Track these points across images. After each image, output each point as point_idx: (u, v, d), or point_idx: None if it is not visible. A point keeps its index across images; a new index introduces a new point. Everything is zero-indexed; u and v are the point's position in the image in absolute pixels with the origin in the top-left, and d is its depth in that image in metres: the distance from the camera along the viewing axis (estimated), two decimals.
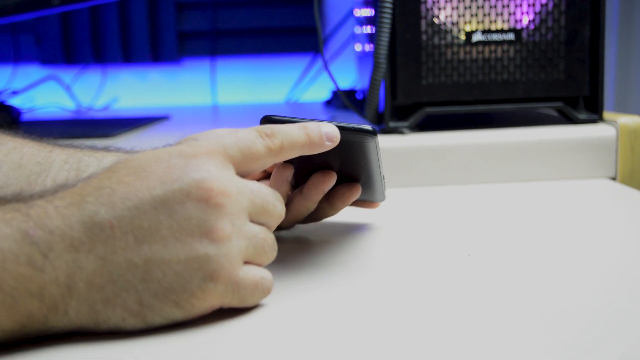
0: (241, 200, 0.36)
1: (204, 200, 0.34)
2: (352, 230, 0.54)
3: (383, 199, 0.52)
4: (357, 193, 0.49)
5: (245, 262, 0.36)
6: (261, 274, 0.36)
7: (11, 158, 0.49)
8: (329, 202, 0.49)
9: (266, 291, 0.37)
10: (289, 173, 0.45)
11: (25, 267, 0.32)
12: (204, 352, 0.32)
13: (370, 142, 0.43)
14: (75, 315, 0.33)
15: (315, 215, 0.50)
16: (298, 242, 0.51)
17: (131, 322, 0.34)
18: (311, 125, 0.41)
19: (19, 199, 0.34)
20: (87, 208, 0.33)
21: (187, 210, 0.34)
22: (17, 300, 0.31)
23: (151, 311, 0.34)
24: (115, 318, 0.33)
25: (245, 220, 0.36)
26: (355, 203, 0.52)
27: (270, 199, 0.38)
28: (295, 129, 0.40)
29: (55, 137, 0.54)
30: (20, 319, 0.32)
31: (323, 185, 0.46)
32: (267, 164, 0.39)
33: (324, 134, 0.41)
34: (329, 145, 0.41)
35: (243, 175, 0.38)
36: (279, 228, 0.50)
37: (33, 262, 0.32)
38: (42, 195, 0.34)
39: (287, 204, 0.47)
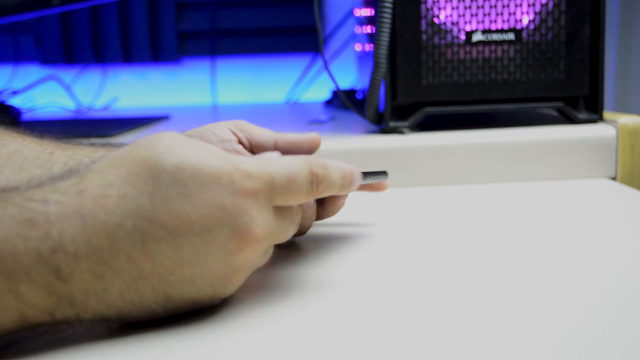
0: (268, 242, 0.36)
1: (239, 248, 0.34)
2: (351, 229, 0.54)
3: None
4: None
5: None
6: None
7: (13, 161, 0.48)
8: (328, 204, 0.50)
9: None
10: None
11: (39, 290, 0.30)
12: (204, 351, 0.32)
13: None
14: (88, 321, 0.33)
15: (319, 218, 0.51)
16: (298, 242, 0.51)
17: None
18: (348, 175, 0.41)
19: (36, 185, 0.32)
20: (120, 235, 0.31)
21: (220, 254, 0.34)
22: (26, 316, 0.31)
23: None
24: (125, 321, 0.34)
25: (261, 255, 0.37)
26: (364, 187, 0.52)
27: (290, 233, 0.39)
28: (338, 178, 0.40)
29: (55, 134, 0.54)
30: (26, 326, 0.31)
31: (343, 197, 0.49)
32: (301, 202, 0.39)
33: (353, 184, 0.42)
34: (351, 190, 0.43)
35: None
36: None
37: (49, 285, 0.30)
38: (65, 194, 0.32)
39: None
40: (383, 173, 0.51)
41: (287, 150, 0.49)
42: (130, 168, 0.33)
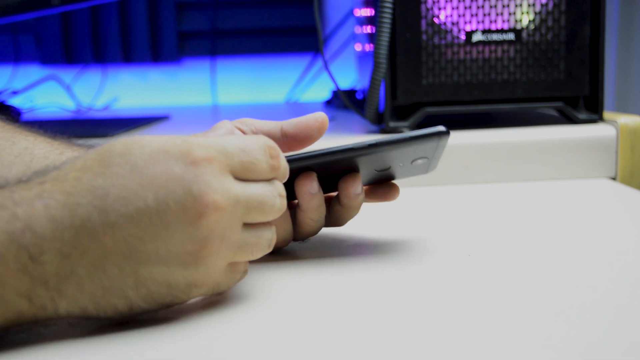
0: (236, 210, 0.35)
1: (197, 214, 0.33)
2: (351, 229, 0.54)
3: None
4: (396, 191, 0.49)
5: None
6: (241, 274, 0.38)
7: (22, 159, 0.48)
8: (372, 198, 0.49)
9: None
10: (313, 185, 0.44)
11: (14, 270, 0.31)
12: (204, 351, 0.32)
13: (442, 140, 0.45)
14: (65, 313, 0.33)
15: (340, 220, 0.49)
16: (299, 242, 0.51)
17: (120, 318, 0.35)
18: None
19: (3, 186, 0.33)
20: (79, 212, 0.32)
21: (180, 224, 0.33)
22: (5, 300, 0.31)
23: (140, 312, 0.35)
24: (106, 316, 0.34)
25: (237, 230, 0.36)
26: (373, 197, 0.50)
27: (268, 199, 0.37)
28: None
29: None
30: (10, 315, 0.32)
31: (356, 189, 0.46)
32: (265, 178, 0.38)
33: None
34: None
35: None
36: (297, 239, 0.49)
37: (22, 265, 0.31)
38: (29, 184, 0.33)
39: (327, 212, 0.47)
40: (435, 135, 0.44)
41: (294, 134, 0.47)
42: (86, 160, 0.34)
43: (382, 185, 0.49)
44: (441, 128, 0.43)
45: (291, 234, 0.47)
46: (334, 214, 0.47)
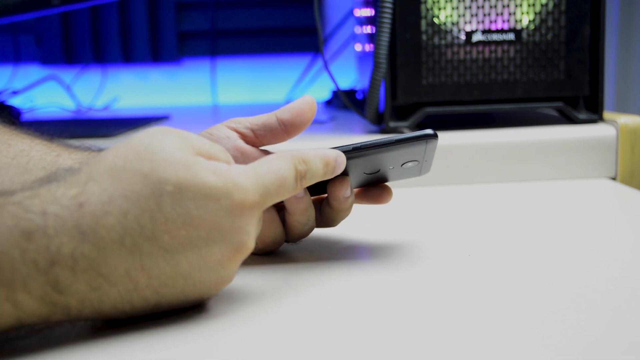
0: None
1: (233, 259, 0.35)
2: (351, 229, 0.54)
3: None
4: (389, 193, 0.49)
5: None
6: None
7: (18, 161, 0.48)
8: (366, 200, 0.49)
9: None
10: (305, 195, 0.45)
11: (37, 300, 0.31)
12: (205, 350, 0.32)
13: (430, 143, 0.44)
14: (77, 320, 0.33)
15: (331, 221, 0.49)
16: (297, 246, 0.51)
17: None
18: (331, 160, 0.42)
19: (28, 202, 0.32)
20: (119, 252, 0.32)
21: (212, 268, 0.35)
22: (22, 320, 0.31)
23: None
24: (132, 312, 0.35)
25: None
26: (365, 200, 0.51)
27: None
28: (320, 167, 0.41)
29: (60, 136, 0.53)
30: (21, 327, 0.32)
31: (344, 192, 0.46)
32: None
33: (338, 165, 0.42)
34: (335, 174, 0.42)
35: None
36: (290, 240, 0.49)
37: (48, 298, 0.31)
38: (65, 202, 0.32)
39: (319, 214, 0.48)
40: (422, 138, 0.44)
41: (291, 120, 0.47)
42: (132, 184, 0.33)
43: (374, 188, 0.49)
44: (429, 131, 0.43)
45: (282, 236, 0.47)
46: (325, 216, 0.47)
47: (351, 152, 0.43)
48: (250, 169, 0.36)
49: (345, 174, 0.45)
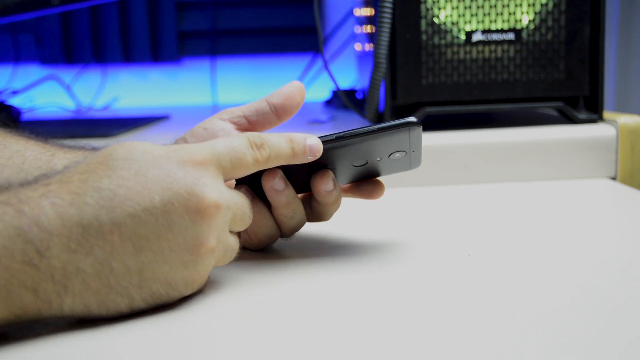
0: (227, 213, 0.38)
1: (199, 213, 0.36)
2: (350, 229, 0.54)
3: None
4: (382, 187, 0.49)
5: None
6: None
7: (13, 162, 0.48)
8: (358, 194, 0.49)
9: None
10: (276, 182, 0.44)
11: (21, 263, 0.32)
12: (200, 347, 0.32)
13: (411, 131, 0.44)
14: (69, 310, 0.34)
15: (321, 215, 0.49)
16: (297, 243, 0.51)
17: (119, 316, 0.36)
18: (297, 138, 0.42)
19: (7, 188, 0.34)
20: (86, 210, 0.33)
21: (184, 222, 0.35)
22: (12, 292, 0.32)
23: (137, 311, 0.36)
24: (107, 315, 0.35)
25: (227, 233, 0.39)
26: (357, 194, 0.50)
27: (247, 211, 0.41)
28: (282, 141, 0.42)
29: (57, 137, 0.53)
30: (15, 310, 0.32)
31: (326, 186, 0.46)
32: (251, 172, 0.41)
33: (308, 147, 0.42)
34: (311, 159, 0.42)
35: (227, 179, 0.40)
36: (283, 235, 0.49)
37: (29, 259, 0.32)
38: (33, 186, 0.34)
39: (309, 208, 0.48)
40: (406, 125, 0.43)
41: (282, 104, 0.49)
42: (89, 164, 0.36)
43: (366, 183, 0.49)
44: (411, 119, 0.43)
45: (275, 231, 0.47)
46: (314, 210, 0.48)
47: (333, 142, 0.43)
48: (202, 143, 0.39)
49: (328, 167, 0.45)
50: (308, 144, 0.42)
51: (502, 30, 0.76)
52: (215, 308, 0.37)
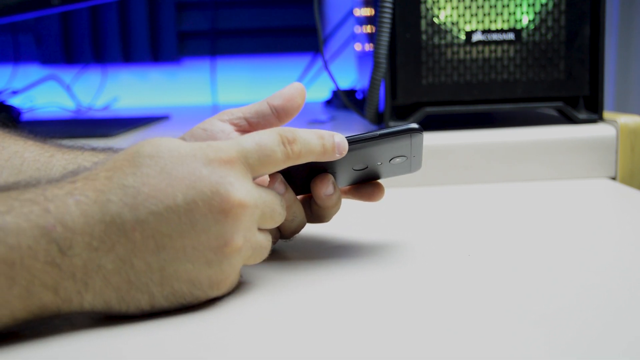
0: (255, 212, 0.37)
1: (224, 212, 0.35)
2: (351, 229, 0.54)
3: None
4: (382, 190, 0.49)
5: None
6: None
7: (12, 163, 0.48)
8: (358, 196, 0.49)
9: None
10: (276, 186, 0.43)
11: (43, 263, 0.32)
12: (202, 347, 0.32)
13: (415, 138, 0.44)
14: (89, 307, 0.34)
15: (321, 217, 0.49)
16: (297, 243, 0.51)
17: (140, 314, 0.36)
18: (326, 135, 0.42)
19: (34, 185, 0.34)
20: (110, 208, 0.34)
21: (207, 221, 0.35)
22: (32, 293, 0.32)
23: (160, 310, 0.36)
24: (127, 312, 0.35)
25: (254, 232, 0.38)
26: (357, 196, 0.50)
27: (278, 208, 0.40)
28: (313, 137, 0.41)
29: (57, 137, 0.53)
30: (33, 309, 0.32)
31: (326, 190, 0.46)
32: (281, 168, 0.40)
33: (336, 144, 0.42)
34: (337, 157, 0.42)
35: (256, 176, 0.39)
36: (283, 237, 0.49)
37: (51, 258, 0.32)
38: (60, 183, 0.34)
39: (309, 210, 0.47)
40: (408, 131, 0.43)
41: (283, 105, 0.48)
42: (115, 161, 0.36)
43: (366, 185, 0.49)
44: (413, 125, 0.43)
45: (276, 232, 0.47)
46: (314, 212, 0.48)
47: None
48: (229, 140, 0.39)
49: (328, 170, 0.45)
50: (336, 141, 0.42)
51: (502, 30, 0.76)
52: (216, 309, 0.37)
